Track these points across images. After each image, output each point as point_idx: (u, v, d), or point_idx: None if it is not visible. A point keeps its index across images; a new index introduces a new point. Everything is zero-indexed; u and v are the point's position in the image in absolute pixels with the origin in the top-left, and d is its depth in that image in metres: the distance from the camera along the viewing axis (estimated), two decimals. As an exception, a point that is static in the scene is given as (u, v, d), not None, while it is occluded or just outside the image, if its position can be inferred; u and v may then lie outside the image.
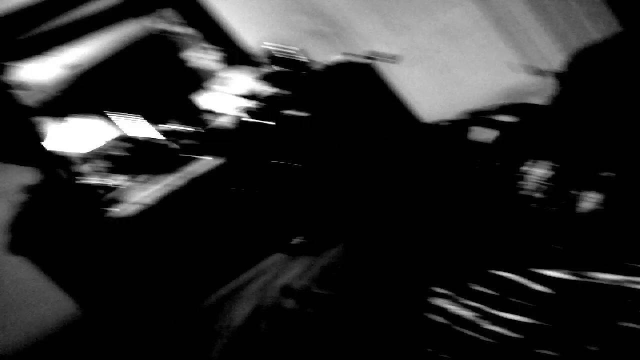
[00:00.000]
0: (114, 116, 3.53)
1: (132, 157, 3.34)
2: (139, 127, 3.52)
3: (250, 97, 3.23)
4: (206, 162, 3.06)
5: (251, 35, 3.86)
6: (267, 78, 3.32)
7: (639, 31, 1.99)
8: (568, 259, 1.31)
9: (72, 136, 3.43)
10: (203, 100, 3.65)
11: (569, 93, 2.18)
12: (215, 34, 3.71)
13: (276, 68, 3.30)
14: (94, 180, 3.24)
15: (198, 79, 3.70)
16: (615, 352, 0.97)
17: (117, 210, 2.92)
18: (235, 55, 3.69)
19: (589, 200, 1.48)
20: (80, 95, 3.74)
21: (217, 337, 2.02)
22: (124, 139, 3.44)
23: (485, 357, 1.18)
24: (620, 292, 1.09)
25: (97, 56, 3.80)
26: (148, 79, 3.77)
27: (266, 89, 3.27)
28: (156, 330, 2.38)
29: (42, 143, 3.10)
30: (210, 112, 3.47)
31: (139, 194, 3.08)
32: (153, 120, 3.58)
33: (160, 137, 3.40)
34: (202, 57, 3.70)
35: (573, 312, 1.12)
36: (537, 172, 1.67)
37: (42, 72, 3.49)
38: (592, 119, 1.88)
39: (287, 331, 1.75)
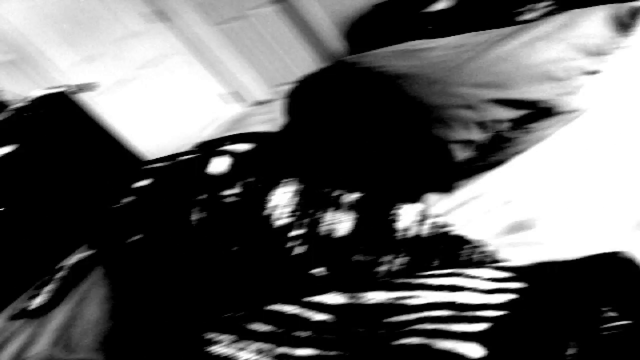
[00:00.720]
0: None
1: None
2: None
3: None
4: None
5: None
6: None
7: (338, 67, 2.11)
8: (337, 283, 1.27)
9: None
10: None
11: (295, 120, 2.25)
12: None
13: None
14: None
15: None
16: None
17: None
18: None
19: (339, 222, 1.48)
20: None
21: None
22: None
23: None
24: (393, 309, 1.06)
25: None
26: None
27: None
28: None
29: None
30: None
31: None
32: None
33: None
34: None
35: (356, 336, 1.06)
36: (283, 199, 1.63)
37: None
38: (322, 143, 1.95)
39: None
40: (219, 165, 1.89)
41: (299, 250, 1.41)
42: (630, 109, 1.51)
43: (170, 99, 4.31)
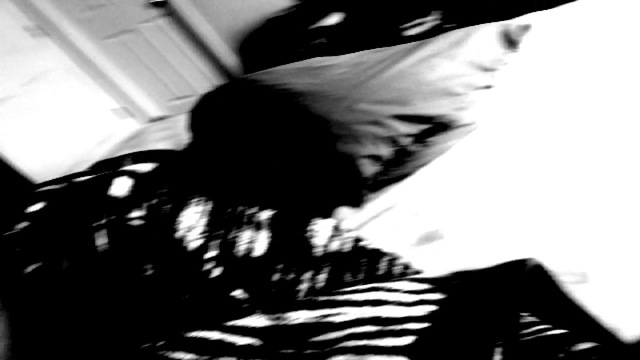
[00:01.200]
0: None
1: None
2: None
3: None
4: None
5: None
6: None
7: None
8: (259, 304, 1.27)
9: None
10: None
11: (199, 137, 2.24)
12: None
13: None
14: None
15: None
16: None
17: None
18: None
19: (255, 241, 1.47)
20: None
21: None
22: None
23: None
24: (319, 327, 1.07)
25: None
26: None
27: None
28: None
29: None
30: None
31: None
32: None
33: None
34: None
35: (284, 358, 1.06)
36: (195, 219, 1.60)
37: None
38: (230, 160, 1.95)
39: None
40: (121, 186, 1.82)
41: (216, 272, 1.39)
42: (519, 120, 1.63)
43: (60, 116, 4.07)
